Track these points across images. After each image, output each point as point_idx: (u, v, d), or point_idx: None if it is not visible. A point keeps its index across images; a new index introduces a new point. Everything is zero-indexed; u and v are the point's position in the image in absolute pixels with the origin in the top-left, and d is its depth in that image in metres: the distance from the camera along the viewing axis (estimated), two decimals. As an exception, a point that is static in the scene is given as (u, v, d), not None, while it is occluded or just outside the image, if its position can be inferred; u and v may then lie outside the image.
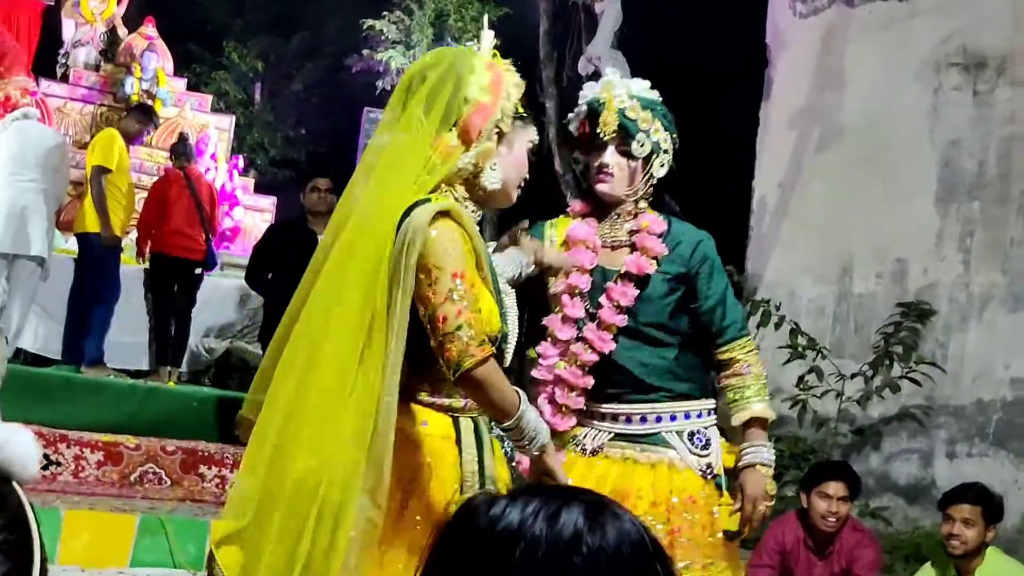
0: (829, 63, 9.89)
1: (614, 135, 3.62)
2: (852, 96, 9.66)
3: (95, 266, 8.77)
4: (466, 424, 2.85)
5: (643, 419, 3.68)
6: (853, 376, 8.43)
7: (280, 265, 7.53)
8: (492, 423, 2.90)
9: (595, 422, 3.71)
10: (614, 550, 1.17)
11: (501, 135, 2.93)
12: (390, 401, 2.64)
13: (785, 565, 5.44)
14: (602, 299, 3.65)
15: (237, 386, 10.09)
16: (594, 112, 3.65)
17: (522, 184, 3.08)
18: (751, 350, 3.74)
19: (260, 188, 14.62)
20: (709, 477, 3.63)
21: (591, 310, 3.68)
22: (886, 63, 9.39)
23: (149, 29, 13.41)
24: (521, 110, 2.97)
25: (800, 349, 8.44)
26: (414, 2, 14.92)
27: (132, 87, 12.70)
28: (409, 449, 2.75)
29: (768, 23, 10.64)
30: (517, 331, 3.00)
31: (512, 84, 2.94)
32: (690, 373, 3.72)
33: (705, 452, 3.65)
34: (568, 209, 3.87)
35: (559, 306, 3.71)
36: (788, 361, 8.46)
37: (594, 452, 3.70)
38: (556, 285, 3.71)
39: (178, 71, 14.10)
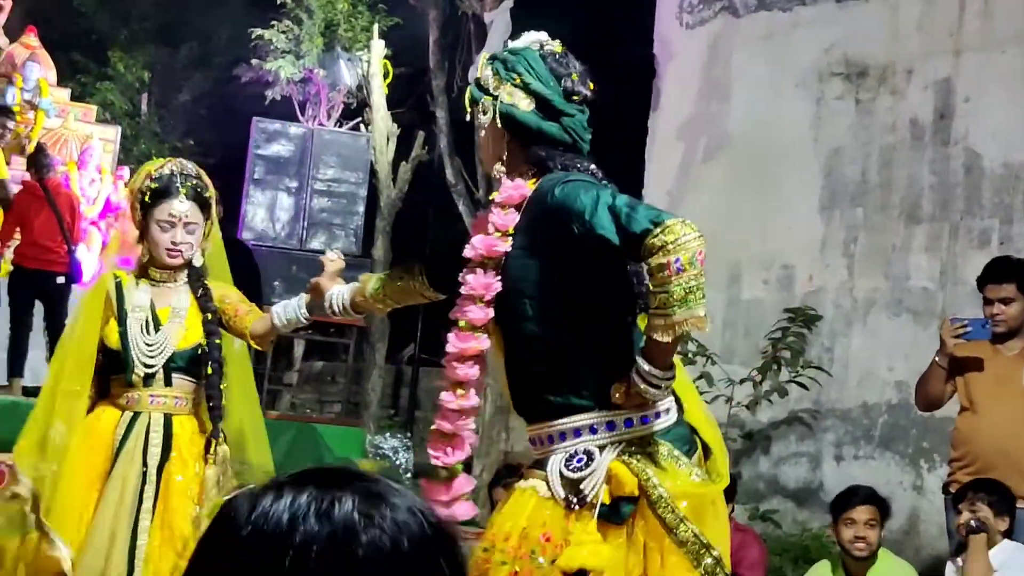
0: (715, 73, 10.01)
1: (472, 110, 3.27)
2: (737, 106, 9.77)
3: None
4: (125, 417, 4.16)
5: (535, 441, 3.15)
6: (742, 381, 8.51)
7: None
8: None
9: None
10: (391, 546, 1.06)
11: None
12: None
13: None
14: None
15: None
16: None
17: (169, 250, 4.25)
18: (673, 240, 2.79)
19: (147, 200, 14.38)
20: (575, 506, 2.96)
21: None
22: (770, 73, 9.53)
23: (31, 39, 13.10)
24: (150, 191, 4.23)
25: (691, 355, 8.50)
26: (303, 11, 14.81)
27: (13, 97, 12.40)
28: (82, 431, 4.15)
29: (656, 33, 10.74)
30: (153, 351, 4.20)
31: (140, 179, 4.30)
32: (580, 378, 3.04)
33: (575, 476, 2.97)
34: None
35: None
36: (679, 367, 8.47)
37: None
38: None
39: (62, 81, 13.80)
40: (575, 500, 2.94)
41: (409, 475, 11.32)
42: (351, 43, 14.39)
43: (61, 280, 9.25)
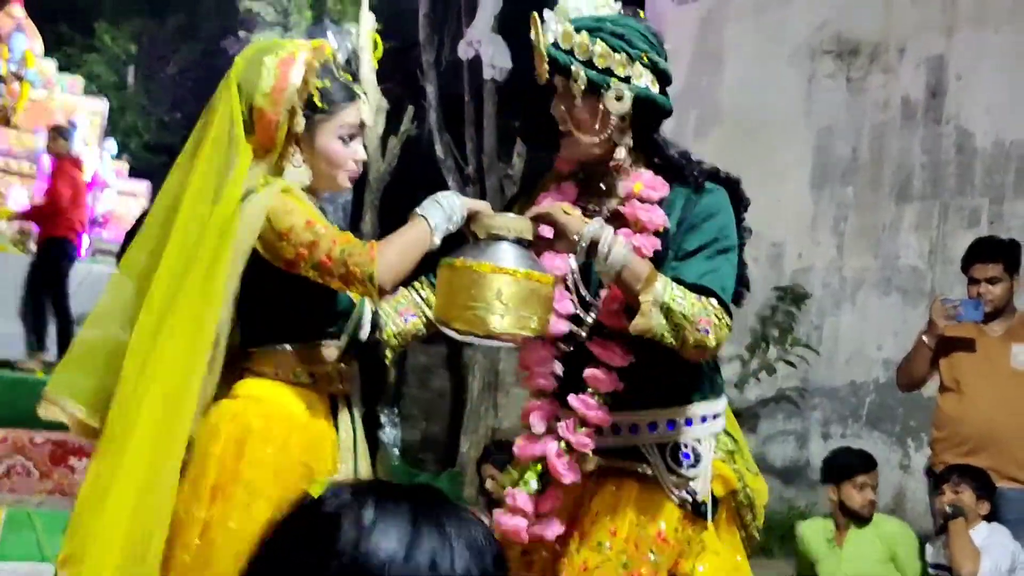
0: (707, 48, 9.97)
1: (552, 79, 2.82)
2: (729, 81, 9.75)
3: None
4: None
5: (615, 429, 2.83)
6: (730, 359, 8.51)
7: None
8: None
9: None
10: None
11: (295, 137, 2.86)
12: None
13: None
14: (602, 301, 2.80)
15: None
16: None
17: (353, 166, 2.92)
18: (716, 322, 2.68)
19: (134, 173, 14.34)
20: (689, 508, 2.82)
21: (587, 298, 2.84)
22: (762, 49, 9.50)
23: (16, 9, 13.01)
24: (319, 100, 2.83)
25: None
26: (292, -17, 14.73)
27: (-1, 68, 12.33)
28: None
29: (648, 7, 10.67)
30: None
31: (304, 75, 2.82)
32: (682, 370, 2.83)
33: (689, 473, 2.83)
34: (556, 165, 3.03)
35: None
36: (667, 345, 8.49)
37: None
38: None
39: (48, 52, 13.72)
40: (689, 499, 2.82)
41: (396, 451, 11.29)
42: (340, 16, 14.32)
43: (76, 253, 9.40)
